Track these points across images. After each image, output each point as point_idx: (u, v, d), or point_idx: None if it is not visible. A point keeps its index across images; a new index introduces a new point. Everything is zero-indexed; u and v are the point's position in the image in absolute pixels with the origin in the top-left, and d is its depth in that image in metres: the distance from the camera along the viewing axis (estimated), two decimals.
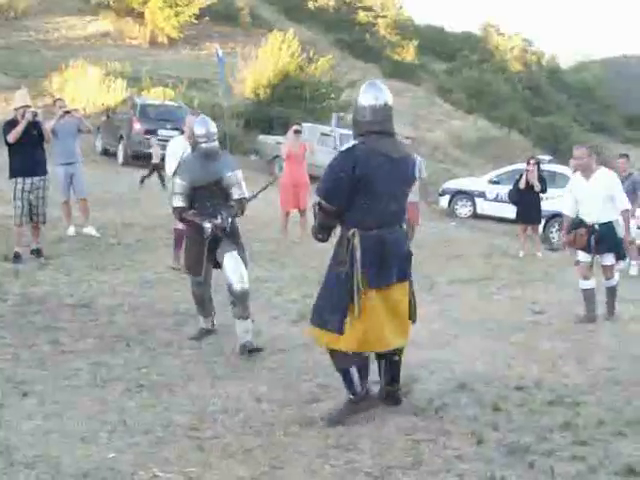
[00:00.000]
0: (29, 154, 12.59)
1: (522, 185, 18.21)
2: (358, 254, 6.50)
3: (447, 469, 5.93)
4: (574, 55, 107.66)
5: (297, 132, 17.25)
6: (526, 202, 18.22)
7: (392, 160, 6.56)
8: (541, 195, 18.31)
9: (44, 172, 12.88)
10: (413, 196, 16.51)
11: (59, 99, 16.57)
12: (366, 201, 6.50)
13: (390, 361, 7.07)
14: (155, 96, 34.11)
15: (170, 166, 12.02)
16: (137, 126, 27.97)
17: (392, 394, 7.16)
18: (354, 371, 6.74)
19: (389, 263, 6.60)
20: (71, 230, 14.95)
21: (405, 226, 6.96)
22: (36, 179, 12.69)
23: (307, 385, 7.70)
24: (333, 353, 6.81)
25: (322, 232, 6.92)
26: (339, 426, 6.60)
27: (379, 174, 6.48)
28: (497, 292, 12.88)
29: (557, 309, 11.85)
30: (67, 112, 15.19)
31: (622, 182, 16.69)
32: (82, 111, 22.70)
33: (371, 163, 6.46)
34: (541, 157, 27.48)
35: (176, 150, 12.16)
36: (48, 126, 14.37)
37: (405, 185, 6.80)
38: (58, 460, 5.70)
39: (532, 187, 18.07)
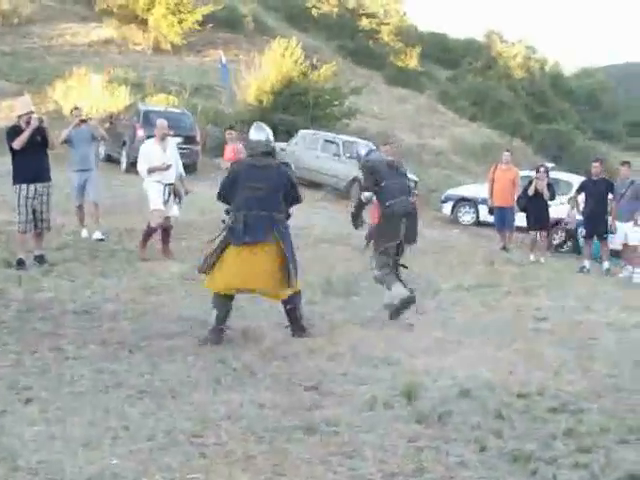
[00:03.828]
0: (33, 160, 12.59)
1: (531, 192, 18.32)
2: (229, 225, 9.51)
3: (450, 476, 5.93)
4: (577, 62, 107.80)
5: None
6: (535, 209, 18.37)
7: (258, 166, 9.62)
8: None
9: (48, 178, 12.89)
10: None
11: (76, 108, 16.67)
12: (238, 193, 9.52)
13: (285, 308, 9.74)
14: (158, 102, 34.11)
15: (142, 168, 13.97)
16: (140, 132, 27.90)
17: (293, 330, 9.75)
18: (214, 312, 9.35)
19: (249, 228, 9.29)
20: (84, 233, 15.19)
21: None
22: (39, 185, 12.68)
23: (309, 392, 7.71)
24: (214, 297, 9.49)
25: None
26: (341, 433, 6.61)
27: (246, 174, 9.57)
28: (500, 299, 12.87)
29: (560, 316, 11.86)
30: (83, 120, 15.40)
31: (624, 189, 16.84)
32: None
33: (241, 170, 9.74)
34: (544, 164, 27.55)
35: (147, 152, 14.04)
36: (64, 134, 14.69)
37: (268, 182, 9.48)
38: (61, 466, 5.70)
39: (540, 194, 18.18)
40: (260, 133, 9.88)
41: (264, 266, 9.37)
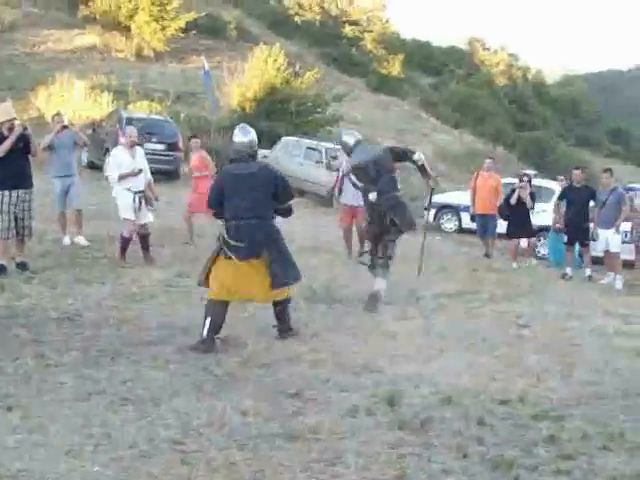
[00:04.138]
0: (15, 167, 12.53)
1: (513, 201, 18.43)
2: (223, 237, 9.51)
3: None
4: (559, 70, 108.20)
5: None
6: (518, 217, 18.48)
7: (241, 174, 9.63)
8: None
9: (30, 185, 12.84)
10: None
11: (57, 114, 16.64)
12: (226, 202, 9.58)
13: (275, 309, 9.87)
14: (141, 109, 34.08)
15: (113, 175, 14.02)
16: (122, 140, 27.89)
17: (279, 330, 9.92)
18: (208, 322, 9.29)
19: (243, 243, 9.38)
20: (66, 240, 15.16)
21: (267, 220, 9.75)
22: (22, 192, 12.63)
23: (291, 399, 7.70)
24: (207, 304, 9.57)
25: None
26: (322, 440, 6.61)
27: (232, 183, 9.63)
28: (482, 306, 12.87)
29: (542, 323, 11.88)
30: (65, 127, 15.40)
31: (606, 196, 16.91)
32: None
33: (229, 176, 9.79)
34: (527, 172, 27.62)
35: (117, 159, 14.16)
36: (47, 140, 14.72)
37: (254, 189, 9.52)
38: (42, 474, 5.69)
39: (523, 202, 18.29)
40: (245, 135, 9.97)
41: (259, 276, 9.57)
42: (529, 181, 18.97)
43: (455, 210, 26.29)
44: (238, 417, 7.09)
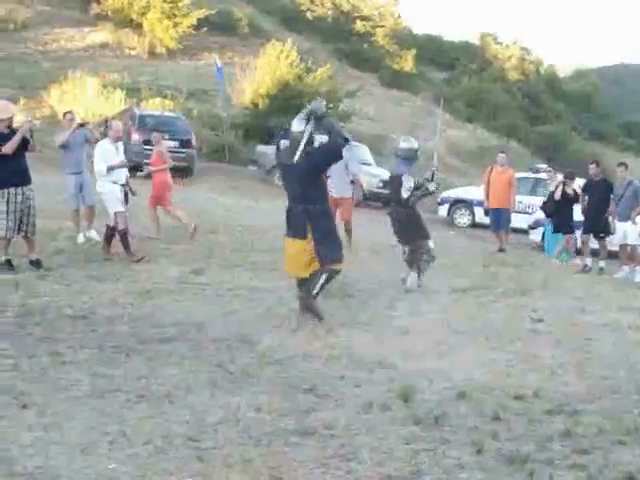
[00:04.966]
0: (17, 164, 12.46)
1: (557, 196, 18.41)
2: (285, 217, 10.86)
3: (447, 478, 5.94)
4: (572, 63, 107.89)
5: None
6: (562, 213, 18.44)
7: (287, 165, 10.69)
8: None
9: (30, 181, 12.77)
10: (344, 192, 17.13)
11: (69, 112, 16.65)
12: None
13: (300, 293, 10.78)
14: (154, 107, 34.16)
15: (101, 168, 14.02)
16: (135, 136, 28.04)
17: (300, 297, 10.75)
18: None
19: (291, 225, 10.67)
20: (80, 237, 15.17)
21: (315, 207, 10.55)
22: (26, 189, 12.56)
23: (306, 395, 7.70)
24: None
25: None
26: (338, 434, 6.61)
27: (282, 173, 11.23)
28: (496, 301, 12.87)
29: (556, 317, 11.86)
30: (81, 125, 15.53)
31: (623, 190, 16.89)
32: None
33: (281, 166, 11.29)
34: (539, 166, 27.64)
35: (104, 152, 14.17)
36: (63, 138, 14.87)
37: (297, 179, 10.54)
38: (58, 471, 5.69)
39: (567, 198, 18.22)
40: (300, 124, 10.68)
41: (299, 255, 10.65)
42: (573, 178, 18.93)
43: (469, 205, 26.28)
44: (253, 413, 7.10)
